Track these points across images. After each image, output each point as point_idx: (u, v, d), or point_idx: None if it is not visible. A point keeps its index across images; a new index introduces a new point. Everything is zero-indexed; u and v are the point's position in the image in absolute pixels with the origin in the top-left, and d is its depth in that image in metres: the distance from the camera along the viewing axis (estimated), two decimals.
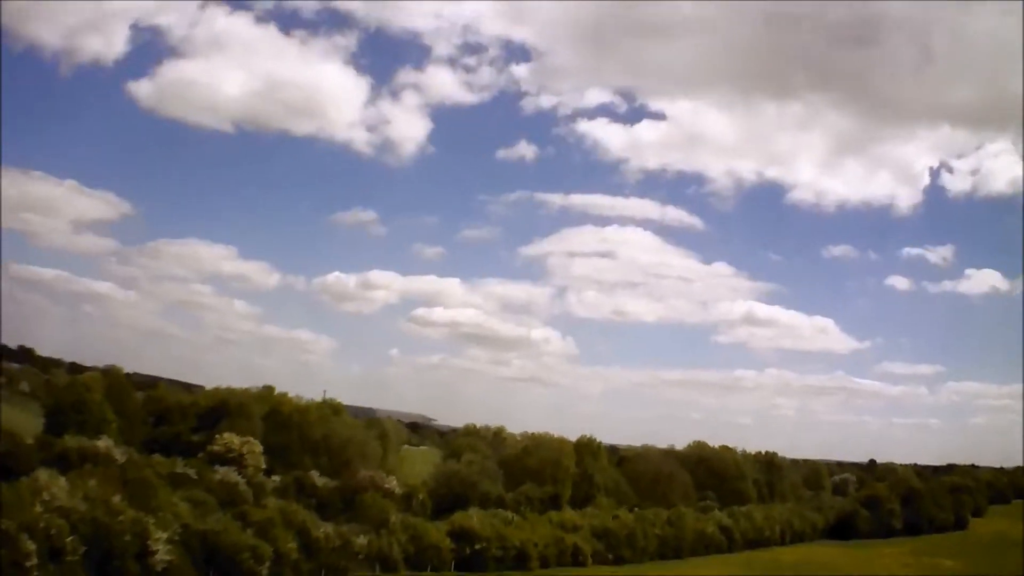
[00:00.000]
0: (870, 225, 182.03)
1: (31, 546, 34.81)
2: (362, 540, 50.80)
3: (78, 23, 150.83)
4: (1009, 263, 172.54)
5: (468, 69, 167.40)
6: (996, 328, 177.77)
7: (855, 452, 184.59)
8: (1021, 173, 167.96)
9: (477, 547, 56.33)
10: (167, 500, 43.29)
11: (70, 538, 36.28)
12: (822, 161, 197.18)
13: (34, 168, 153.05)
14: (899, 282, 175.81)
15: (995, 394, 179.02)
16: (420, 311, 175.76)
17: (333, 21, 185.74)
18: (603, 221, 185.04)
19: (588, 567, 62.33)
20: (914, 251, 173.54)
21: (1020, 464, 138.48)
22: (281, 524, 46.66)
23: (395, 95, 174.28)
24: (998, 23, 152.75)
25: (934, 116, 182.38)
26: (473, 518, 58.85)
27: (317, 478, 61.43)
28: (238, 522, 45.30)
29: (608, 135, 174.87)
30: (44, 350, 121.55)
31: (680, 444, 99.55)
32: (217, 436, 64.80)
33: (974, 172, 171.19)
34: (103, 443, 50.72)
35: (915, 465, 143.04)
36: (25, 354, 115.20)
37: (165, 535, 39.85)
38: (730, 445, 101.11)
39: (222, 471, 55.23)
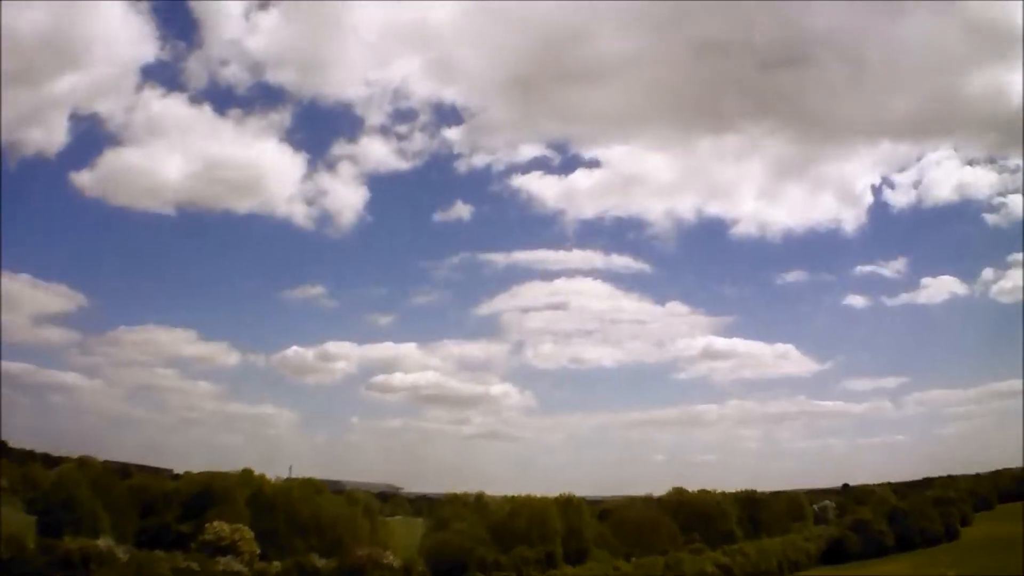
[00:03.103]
0: (819, 248, 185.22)
1: None
2: None
3: (18, 115, 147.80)
4: (964, 266, 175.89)
5: (400, 137, 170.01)
6: (957, 332, 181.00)
7: (825, 478, 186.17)
8: (963, 179, 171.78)
9: None
10: None
11: None
12: (763, 190, 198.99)
13: None
14: (856, 300, 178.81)
15: (960, 399, 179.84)
16: (379, 378, 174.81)
17: (267, 97, 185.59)
18: (550, 275, 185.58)
19: None
20: (867, 268, 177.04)
21: (997, 468, 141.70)
22: None
23: (331, 167, 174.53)
24: (930, 28, 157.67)
25: (872, 131, 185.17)
26: None
27: (317, 560, 60.37)
28: None
29: (543, 188, 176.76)
30: (16, 443, 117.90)
31: (646, 486, 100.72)
32: (207, 525, 63.36)
33: (916, 184, 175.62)
34: (103, 542, 49.57)
35: (890, 483, 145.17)
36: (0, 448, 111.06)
37: None
38: (705, 487, 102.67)
39: (224, 561, 54.26)
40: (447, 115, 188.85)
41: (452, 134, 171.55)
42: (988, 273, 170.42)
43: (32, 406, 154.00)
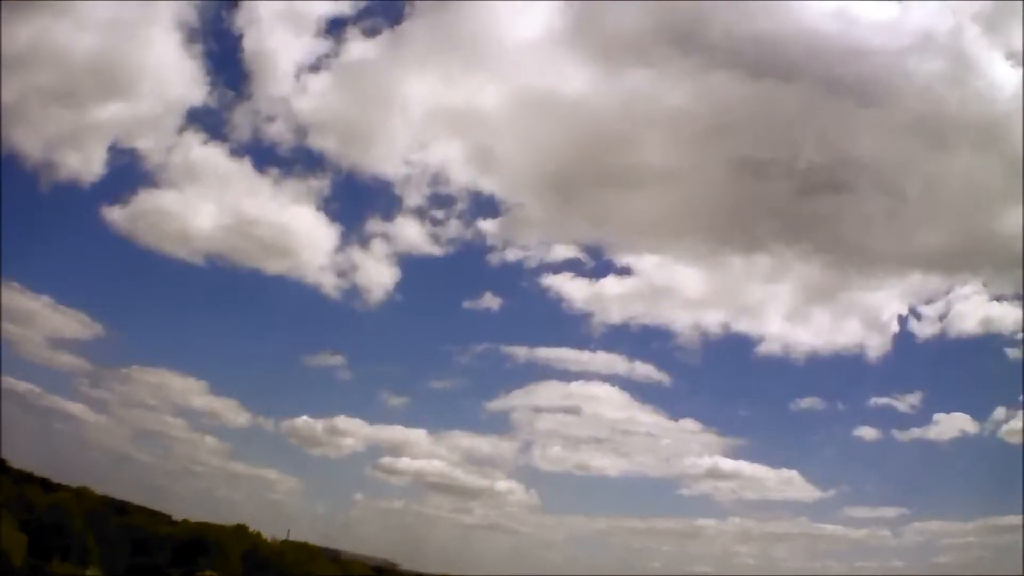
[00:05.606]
0: (838, 375, 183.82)
1: None
2: None
3: (58, 134, 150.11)
4: (978, 404, 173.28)
5: (436, 222, 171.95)
6: (962, 468, 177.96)
7: None
8: (990, 313, 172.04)
9: None
10: None
11: None
12: (790, 312, 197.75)
13: (12, 279, 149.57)
14: (867, 432, 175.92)
15: (959, 531, 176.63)
16: (386, 459, 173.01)
17: (307, 161, 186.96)
18: (568, 376, 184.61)
19: None
20: (882, 400, 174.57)
21: None
22: None
23: (364, 243, 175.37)
24: (971, 164, 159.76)
25: (904, 263, 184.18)
26: None
27: None
28: None
29: (573, 290, 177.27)
30: (16, 462, 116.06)
31: None
32: (198, 573, 61.45)
33: (942, 316, 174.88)
34: (91, 573, 47.65)
35: None
36: None
37: None
38: None
39: None
40: (484, 206, 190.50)
41: (487, 226, 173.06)
42: (1000, 412, 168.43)
43: (35, 429, 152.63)
